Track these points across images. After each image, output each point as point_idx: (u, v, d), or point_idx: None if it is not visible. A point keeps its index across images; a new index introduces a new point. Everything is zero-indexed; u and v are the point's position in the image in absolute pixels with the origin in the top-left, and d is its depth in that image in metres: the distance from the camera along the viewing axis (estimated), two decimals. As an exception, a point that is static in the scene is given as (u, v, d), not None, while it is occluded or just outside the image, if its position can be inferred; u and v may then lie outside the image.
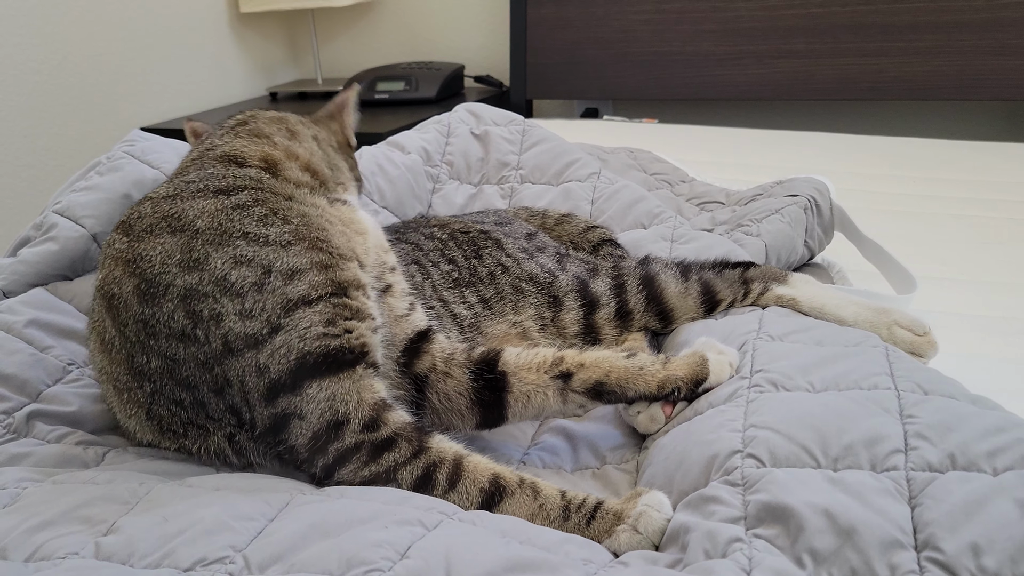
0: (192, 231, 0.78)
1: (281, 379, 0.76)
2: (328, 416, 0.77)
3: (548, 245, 1.18)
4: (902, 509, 0.65)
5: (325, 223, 0.85)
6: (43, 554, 0.69)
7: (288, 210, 0.82)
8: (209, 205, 0.79)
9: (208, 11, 2.75)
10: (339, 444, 0.77)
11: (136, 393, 0.83)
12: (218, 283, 0.76)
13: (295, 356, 0.76)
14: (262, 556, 0.65)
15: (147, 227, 0.80)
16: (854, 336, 0.93)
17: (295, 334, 0.76)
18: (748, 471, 0.71)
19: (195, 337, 0.77)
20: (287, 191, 0.87)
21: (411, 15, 3.08)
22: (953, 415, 0.73)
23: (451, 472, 0.77)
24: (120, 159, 1.32)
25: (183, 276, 0.76)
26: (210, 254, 0.76)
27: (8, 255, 1.22)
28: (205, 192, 0.82)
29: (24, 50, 2.12)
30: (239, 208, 0.79)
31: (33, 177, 2.16)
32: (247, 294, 0.76)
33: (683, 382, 0.86)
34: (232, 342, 0.76)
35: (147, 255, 0.78)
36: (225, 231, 0.77)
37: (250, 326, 0.76)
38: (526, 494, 0.76)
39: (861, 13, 2.42)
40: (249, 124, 1.00)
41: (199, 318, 0.76)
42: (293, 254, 0.78)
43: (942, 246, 1.52)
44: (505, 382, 0.89)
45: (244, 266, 0.76)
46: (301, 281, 0.77)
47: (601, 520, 0.74)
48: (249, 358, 0.76)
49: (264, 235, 0.78)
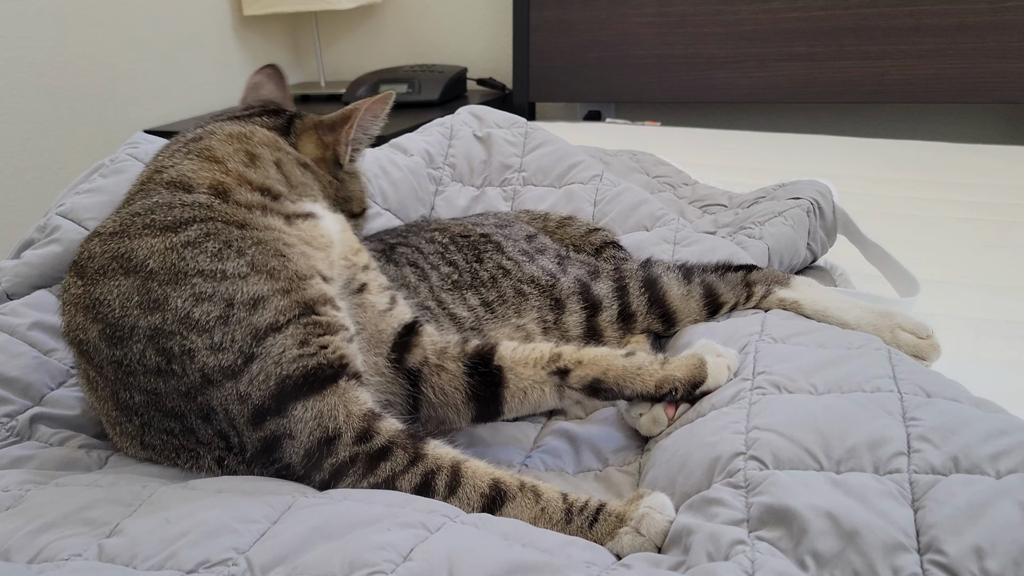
0: (146, 272, 0.76)
1: (264, 404, 0.76)
2: (318, 433, 0.76)
3: (548, 247, 1.18)
4: (905, 512, 0.65)
5: (281, 246, 0.82)
6: (46, 556, 0.69)
7: (242, 240, 0.79)
8: (158, 243, 0.77)
9: (211, 14, 2.75)
10: (333, 459, 0.76)
11: (127, 426, 0.83)
12: (182, 321, 0.75)
13: (274, 381, 0.75)
14: (265, 558, 0.65)
15: (99, 268, 0.79)
16: (856, 339, 0.93)
17: (270, 360, 0.75)
18: (751, 473, 0.71)
19: (172, 371, 0.76)
20: (239, 217, 0.82)
21: (414, 18, 3.08)
22: (956, 418, 0.73)
23: (450, 478, 0.76)
24: (124, 161, 1.32)
25: (146, 317, 0.76)
26: (168, 294, 0.75)
27: (12, 257, 1.22)
28: (152, 228, 0.78)
29: (29, 53, 2.13)
30: (190, 245, 0.77)
31: (37, 179, 2.16)
32: (214, 328, 0.75)
33: (681, 383, 0.86)
34: (209, 374, 0.76)
35: (105, 299, 0.77)
36: (179, 271, 0.76)
37: (224, 358, 0.75)
38: (527, 497, 0.76)
39: (863, 16, 2.42)
40: (203, 141, 0.91)
41: (172, 354, 0.76)
42: (252, 283, 0.77)
43: (944, 249, 1.52)
44: (501, 377, 0.89)
45: (205, 302, 0.75)
46: (266, 309, 0.76)
47: (604, 523, 0.73)
48: (229, 388, 0.76)
49: (220, 270, 0.76)
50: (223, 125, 0.96)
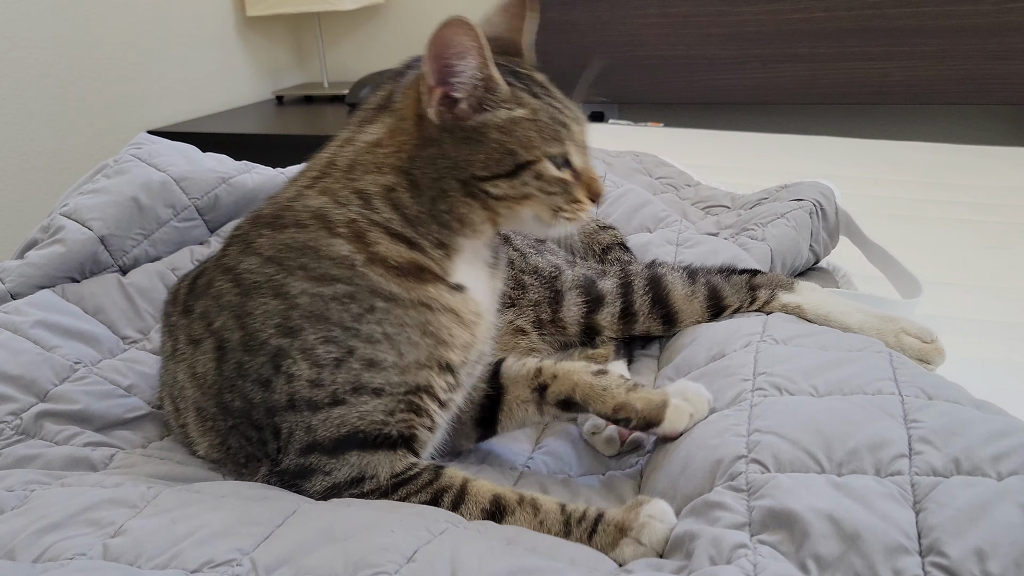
0: (293, 303, 0.79)
1: (323, 443, 0.79)
2: (355, 474, 0.79)
3: (558, 252, 1.18)
4: (906, 514, 0.65)
5: (417, 332, 0.80)
6: (51, 555, 0.69)
7: (385, 313, 0.79)
8: (310, 288, 0.79)
9: (214, 15, 2.76)
10: (356, 491, 0.79)
11: (219, 423, 0.86)
12: (304, 352, 0.78)
13: (347, 430, 0.78)
14: (269, 559, 0.65)
15: (254, 284, 0.82)
16: (858, 341, 0.93)
17: (354, 413, 0.78)
18: (752, 476, 0.71)
19: (270, 386, 0.80)
20: (385, 289, 0.79)
21: (417, 18, 3.08)
22: (957, 420, 0.73)
23: (456, 496, 0.78)
24: (127, 162, 1.33)
25: (278, 338, 0.79)
26: (304, 328, 0.78)
27: (15, 257, 1.23)
28: (306, 273, 0.80)
29: (32, 53, 2.13)
30: (337, 300, 0.79)
31: (40, 180, 2.17)
32: (325, 367, 0.78)
33: (637, 415, 0.84)
34: (296, 401, 0.79)
35: (253, 312, 0.81)
36: (322, 315, 0.78)
37: (316, 394, 0.78)
38: (526, 511, 0.76)
39: (866, 17, 2.42)
40: (326, 179, 0.83)
41: (278, 372, 0.79)
42: (379, 351, 0.79)
43: (947, 250, 1.52)
44: (500, 396, 0.91)
45: (332, 344, 0.78)
46: (378, 375, 0.79)
47: (603, 533, 0.73)
48: (305, 417, 0.79)
49: (356, 329, 0.79)
50: (337, 154, 0.84)
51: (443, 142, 0.79)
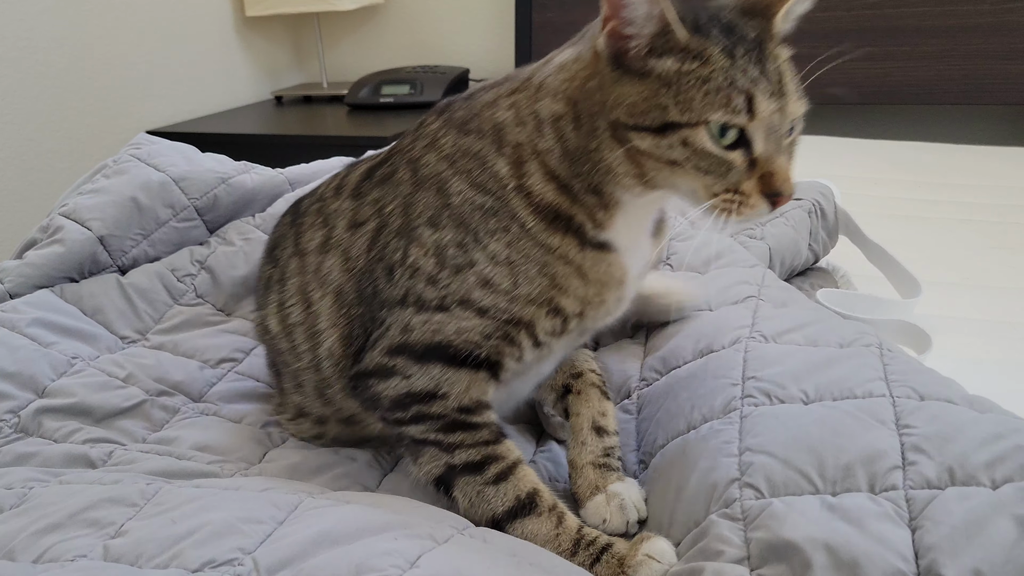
0: (448, 201, 0.81)
1: (414, 346, 0.80)
2: (430, 388, 0.80)
3: None
4: (903, 533, 0.64)
5: (535, 268, 0.78)
6: (51, 556, 0.69)
7: (514, 240, 0.78)
8: (466, 192, 0.80)
9: (213, 15, 2.76)
10: (423, 408, 0.80)
11: (352, 310, 0.87)
12: (436, 247, 0.80)
13: (440, 339, 0.80)
14: (271, 559, 0.65)
15: (426, 177, 0.83)
16: (849, 333, 0.91)
17: (451, 325, 0.79)
18: (747, 503, 0.70)
19: (392, 277, 0.83)
20: (521, 219, 0.78)
21: (416, 19, 3.08)
22: (950, 424, 0.72)
23: (502, 471, 0.78)
24: (126, 162, 1.33)
25: (422, 228, 0.81)
26: (447, 226, 0.80)
27: (14, 257, 1.23)
28: (468, 178, 0.80)
29: (31, 53, 2.13)
30: (480, 211, 0.79)
31: (39, 180, 2.16)
32: (445, 269, 0.79)
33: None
34: (407, 296, 0.81)
35: (416, 203, 0.83)
36: (464, 221, 0.80)
37: (428, 293, 0.80)
38: (551, 520, 0.76)
39: (866, 17, 2.42)
40: (519, 94, 0.81)
41: (405, 262, 0.82)
42: (496, 273, 0.79)
43: (947, 251, 1.51)
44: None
45: (460, 249, 0.79)
46: (487, 296, 0.79)
47: (606, 564, 0.73)
48: (408, 314, 0.81)
49: (485, 244, 0.79)
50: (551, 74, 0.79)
51: (604, 76, 0.73)
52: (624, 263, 0.81)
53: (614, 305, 0.84)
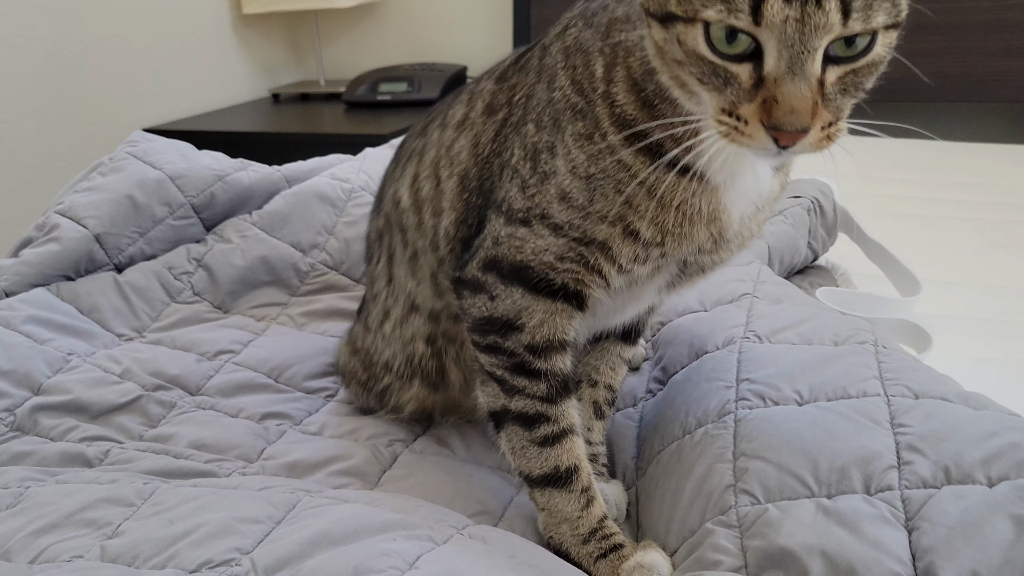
0: (551, 96, 0.75)
1: (502, 263, 0.77)
2: (511, 315, 0.77)
3: None
4: (899, 536, 0.63)
5: (611, 185, 0.72)
6: (48, 557, 0.69)
7: (595, 149, 0.71)
8: (566, 87, 0.74)
9: (211, 13, 2.75)
10: (498, 339, 0.78)
11: (471, 198, 0.84)
12: (533, 152, 0.76)
13: (521, 259, 0.76)
14: (269, 560, 0.65)
15: (546, 67, 0.78)
16: (844, 329, 0.90)
17: (532, 244, 0.75)
18: (743, 509, 0.70)
19: (502, 177, 0.79)
20: (604, 127, 0.71)
21: (414, 16, 3.07)
22: (944, 422, 0.71)
23: (551, 434, 0.77)
24: (123, 160, 1.32)
25: (529, 125, 0.77)
26: (547, 127, 0.75)
27: (10, 256, 1.22)
28: (573, 72, 0.74)
29: (27, 51, 2.12)
30: (572, 111, 0.73)
31: (36, 178, 2.16)
32: (535, 175, 0.75)
33: None
34: (503, 201, 0.78)
35: (534, 96, 0.78)
36: (558, 121, 0.74)
37: (517, 202, 0.76)
38: (580, 501, 0.76)
39: (865, 15, 2.41)
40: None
41: (510, 163, 0.78)
42: (574, 185, 0.73)
43: (947, 249, 1.51)
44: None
45: (549, 155, 0.75)
46: (563, 211, 0.74)
47: (609, 563, 0.73)
48: (499, 224, 0.77)
49: (569, 150, 0.73)
50: None
51: None
52: (720, 198, 0.72)
53: (708, 243, 0.74)
